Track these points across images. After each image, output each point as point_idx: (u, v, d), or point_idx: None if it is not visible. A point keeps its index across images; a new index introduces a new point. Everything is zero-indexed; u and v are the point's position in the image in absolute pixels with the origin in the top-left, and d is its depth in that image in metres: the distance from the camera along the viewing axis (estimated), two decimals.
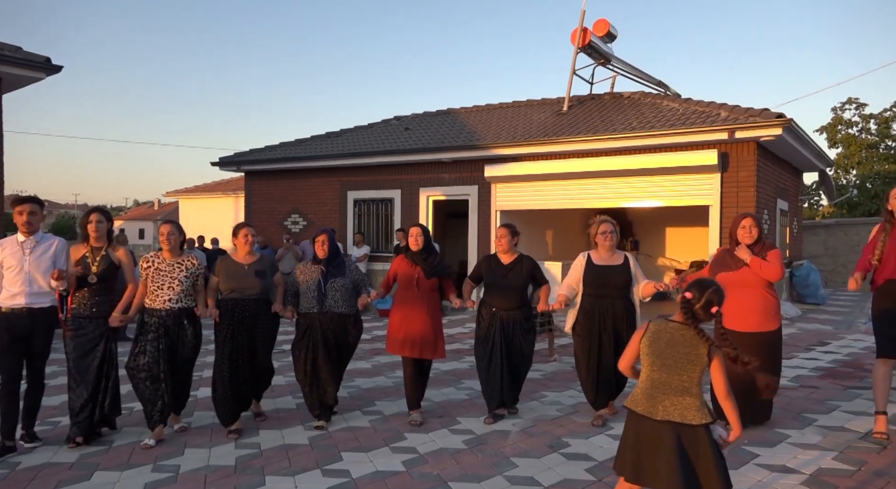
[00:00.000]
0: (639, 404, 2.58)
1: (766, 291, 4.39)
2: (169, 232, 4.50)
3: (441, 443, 4.25)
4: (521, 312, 4.79)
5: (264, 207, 14.24)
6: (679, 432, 2.48)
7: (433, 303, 4.79)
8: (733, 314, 4.31)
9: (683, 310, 2.51)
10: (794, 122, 9.28)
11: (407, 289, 4.78)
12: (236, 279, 4.59)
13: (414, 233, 4.83)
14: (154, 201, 66.98)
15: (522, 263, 4.84)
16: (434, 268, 4.78)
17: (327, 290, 4.61)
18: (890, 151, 24.35)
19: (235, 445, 4.24)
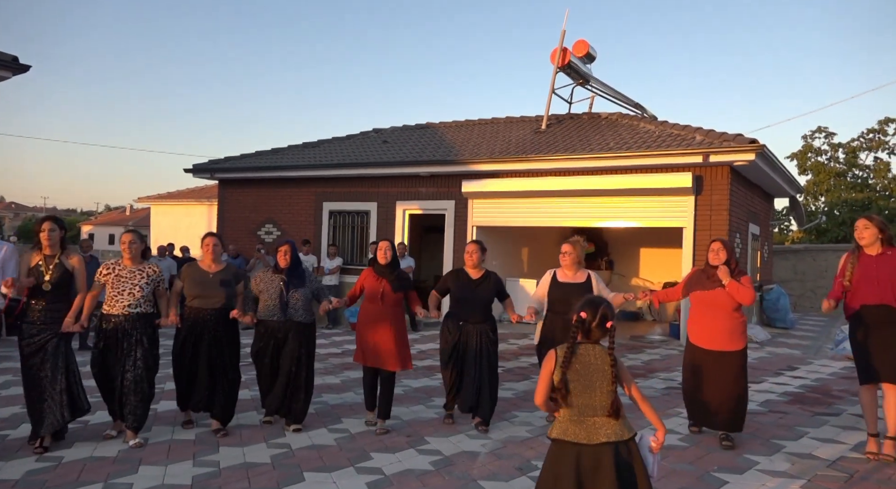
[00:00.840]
0: (570, 433, 2.52)
1: (736, 312, 4.57)
2: (131, 241, 4.59)
3: (408, 464, 4.14)
4: (488, 325, 4.98)
5: (238, 216, 14.01)
6: (617, 450, 2.49)
7: (398, 316, 4.92)
8: (703, 333, 4.59)
9: (581, 330, 2.57)
10: (767, 148, 9.44)
11: (372, 302, 4.87)
12: (200, 287, 4.73)
13: (383, 246, 4.93)
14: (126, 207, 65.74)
15: (490, 278, 5.04)
16: (401, 283, 4.90)
17: (289, 299, 4.76)
18: (857, 180, 24.98)
19: (193, 463, 4.07)
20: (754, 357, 8.82)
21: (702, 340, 4.59)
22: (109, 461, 4.07)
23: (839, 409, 5.77)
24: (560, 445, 2.54)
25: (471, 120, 14.90)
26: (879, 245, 4.38)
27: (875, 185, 24.67)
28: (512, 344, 9.61)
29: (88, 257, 8.89)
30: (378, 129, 15.27)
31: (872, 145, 24.81)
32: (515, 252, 13.42)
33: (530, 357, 8.47)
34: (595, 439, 2.49)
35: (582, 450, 2.49)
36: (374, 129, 15.30)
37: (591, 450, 2.48)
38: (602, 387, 2.52)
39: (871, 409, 4.42)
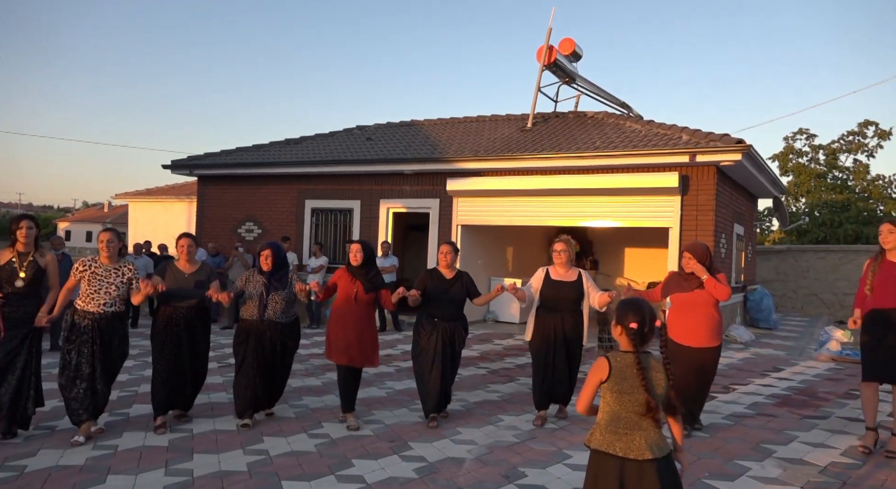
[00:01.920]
0: (640, 447, 2.34)
1: (714, 310, 4.82)
2: (108, 239, 4.62)
3: (390, 471, 3.99)
4: (459, 323, 5.19)
5: (217, 213, 13.73)
6: (660, 466, 2.35)
7: (369, 316, 5.07)
8: (685, 330, 4.81)
9: (635, 337, 2.39)
10: (754, 148, 9.41)
11: (345, 301, 4.99)
12: (177, 287, 4.84)
13: (354, 248, 5.05)
14: (104, 204, 64.65)
15: (462, 278, 5.24)
16: (373, 283, 5.01)
17: (268, 302, 4.88)
18: (837, 182, 25.26)
19: (165, 471, 3.89)
20: (739, 358, 8.80)
21: (685, 338, 4.79)
22: (76, 470, 3.87)
23: (827, 412, 5.72)
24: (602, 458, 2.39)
25: (456, 117, 14.76)
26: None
27: (854, 186, 24.96)
28: (497, 344, 9.49)
29: (60, 255, 8.61)
30: (362, 126, 15.07)
31: (852, 147, 25.10)
32: (500, 251, 13.31)
33: (515, 358, 8.36)
34: (644, 455, 2.33)
35: (625, 464, 2.35)
36: (357, 126, 15.10)
37: (636, 465, 2.34)
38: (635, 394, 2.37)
39: (871, 404, 4.56)
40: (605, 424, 2.43)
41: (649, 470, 2.32)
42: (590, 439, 2.47)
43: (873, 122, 24.59)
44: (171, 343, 4.77)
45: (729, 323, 11.04)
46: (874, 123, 24.58)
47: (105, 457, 4.11)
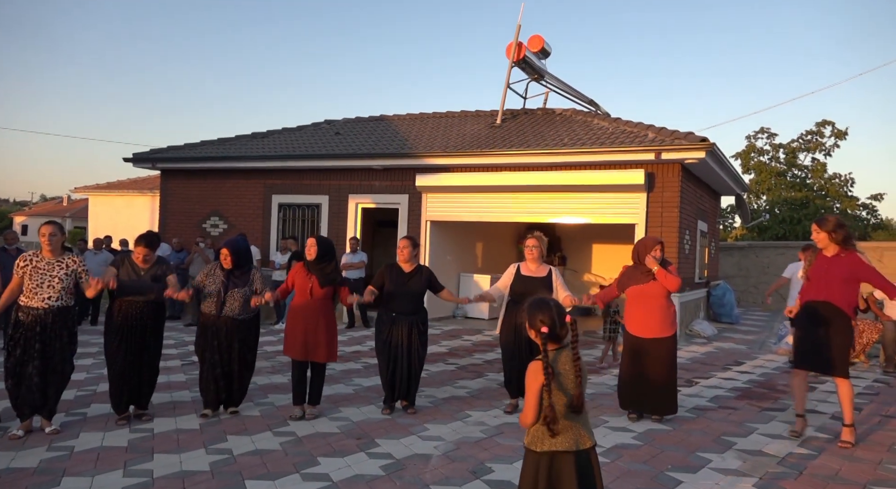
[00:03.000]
0: (558, 444, 2.39)
1: (667, 301, 5.03)
2: (51, 233, 4.52)
3: (357, 469, 3.95)
4: (418, 316, 5.25)
5: (181, 208, 13.44)
6: (595, 452, 2.50)
7: (327, 310, 5.08)
8: (639, 322, 5.02)
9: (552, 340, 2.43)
10: (717, 146, 9.60)
11: (302, 296, 5.03)
12: (131, 281, 4.82)
13: (308, 243, 5.08)
14: (63, 197, 62.76)
15: (422, 272, 5.29)
16: (328, 278, 5.03)
17: (226, 299, 4.94)
18: (796, 180, 25.97)
19: (124, 472, 3.78)
20: (702, 352, 8.98)
21: (639, 330, 5.00)
22: (28, 472, 3.75)
23: (785, 404, 5.88)
24: (554, 456, 2.41)
25: (425, 113, 14.70)
26: (835, 247, 4.60)
27: (812, 184, 25.70)
28: (466, 340, 9.50)
29: (14, 250, 8.33)
30: (330, 121, 14.90)
31: (810, 146, 25.82)
32: (469, 247, 13.32)
33: (484, 354, 8.39)
34: (584, 445, 2.43)
35: (570, 457, 2.40)
36: (326, 121, 14.93)
37: (580, 456, 2.42)
38: (570, 387, 2.42)
39: (801, 392, 4.79)
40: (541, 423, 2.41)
41: (569, 463, 2.39)
42: (543, 444, 2.43)
43: (830, 122, 25.35)
44: (126, 338, 4.72)
45: (692, 318, 11.26)
46: (831, 123, 25.34)
47: (60, 458, 3.99)
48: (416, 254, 5.35)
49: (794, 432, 4.75)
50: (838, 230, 4.57)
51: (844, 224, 4.64)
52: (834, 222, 4.60)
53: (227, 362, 4.98)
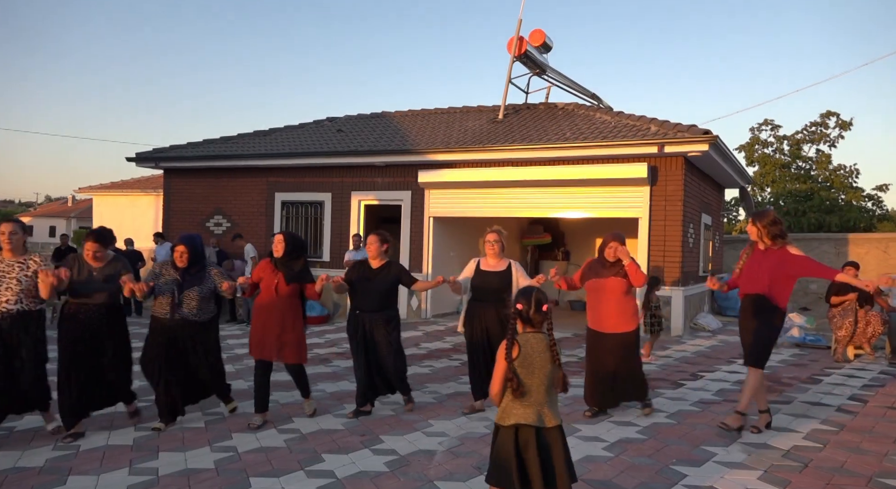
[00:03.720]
0: (522, 417, 2.65)
1: (628, 296, 5.01)
2: (11, 231, 4.29)
3: (361, 465, 3.96)
4: (382, 314, 5.06)
5: (185, 207, 13.47)
6: (560, 433, 2.71)
7: (293, 308, 4.90)
8: (597, 317, 5.02)
9: (522, 320, 2.70)
10: (720, 138, 9.55)
11: (267, 294, 4.86)
12: (82, 284, 4.49)
13: (276, 239, 4.92)
14: (67, 198, 62.98)
15: (391, 268, 5.14)
16: (294, 274, 4.86)
17: (182, 299, 4.65)
18: (800, 172, 25.82)
19: (129, 471, 3.80)
20: (707, 346, 8.96)
21: (599, 324, 5.01)
22: (34, 472, 3.77)
23: (790, 397, 5.86)
24: (518, 429, 2.67)
25: (427, 109, 14.68)
26: (769, 240, 4.63)
27: (817, 176, 25.56)
28: None
29: None
30: (332, 118, 14.90)
31: (815, 138, 25.66)
32: (472, 243, 13.27)
33: None
34: (547, 423, 2.66)
35: (536, 432, 2.65)
36: (328, 118, 14.92)
37: (545, 433, 2.66)
38: (545, 373, 2.67)
39: (760, 388, 4.75)
40: (518, 400, 2.67)
41: (555, 436, 2.67)
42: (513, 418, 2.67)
43: (835, 113, 25.16)
44: (77, 342, 4.41)
45: (697, 311, 11.23)
46: (836, 114, 25.15)
47: (66, 457, 4.01)
48: (386, 251, 5.18)
49: (753, 428, 4.68)
50: (773, 226, 4.59)
51: (780, 221, 4.64)
52: (770, 218, 4.61)
53: (182, 367, 4.66)
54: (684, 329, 9.94)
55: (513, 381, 2.62)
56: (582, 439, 4.54)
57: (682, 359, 7.87)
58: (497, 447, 2.72)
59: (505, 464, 2.65)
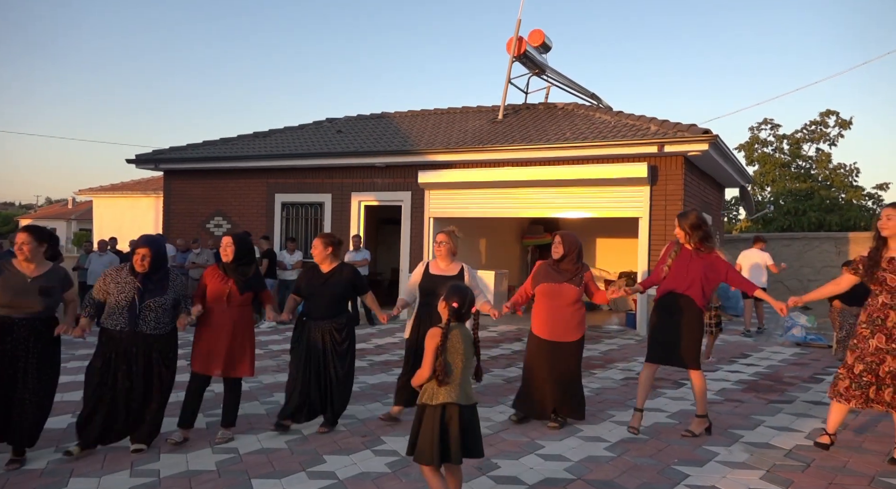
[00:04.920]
0: (450, 396, 2.97)
1: (577, 304, 4.79)
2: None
3: (363, 467, 3.95)
4: (333, 321, 4.63)
5: (185, 209, 13.48)
6: (476, 410, 3.11)
7: (245, 318, 4.51)
8: (545, 323, 4.78)
9: (456, 316, 3.05)
10: (720, 138, 9.55)
11: (217, 303, 4.39)
12: (12, 293, 3.86)
13: (224, 242, 4.48)
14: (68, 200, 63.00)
15: (342, 272, 4.74)
16: (247, 282, 4.48)
17: (142, 309, 4.08)
18: (800, 171, 25.82)
19: (130, 473, 3.79)
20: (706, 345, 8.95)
21: (544, 332, 4.76)
22: (36, 474, 3.76)
23: (792, 396, 5.86)
24: (445, 407, 2.98)
25: (427, 109, 14.69)
26: (696, 244, 4.54)
27: (817, 175, 25.56)
28: None
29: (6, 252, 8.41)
30: (332, 119, 14.91)
31: (814, 137, 25.67)
32: (473, 243, 13.31)
33: (488, 350, 8.38)
34: (471, 400, 3.06)
35: (462, 410, 2.99)
36: (327, 119, 14.93)
37: (468, 410, 3.03)
38: (471, 359, 3.07)
39: (646, 387, 4.67)
40: (454, 381, 3.00)
41: (455, 412, 2.98)
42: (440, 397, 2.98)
43: (834, 112, 25.16)
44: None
45: None
46: (835, 113, 25.16)
47: (68, 459, 3.99)
48: (336, 253, 4.78)
49: (633, 428, 4.59)
50: (696, 230, 4.51)
51: (703, 224, 4.55)
52: (692, 219, 4.51)
53: (136, 388, 4.08)
54: None
55: (441, 368, 2.95)
56: (584, 439, 4.53)
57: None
58: (423, 426, 3.01)
59: (430, 440, 2.95)
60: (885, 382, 3.94)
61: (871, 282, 4.05)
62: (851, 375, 4.04)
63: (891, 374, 3.93)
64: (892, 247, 4.03)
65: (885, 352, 3.94)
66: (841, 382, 4.10)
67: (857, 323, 4.15)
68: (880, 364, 3.95)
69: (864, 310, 4.10)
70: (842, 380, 4.10)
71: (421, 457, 3.00)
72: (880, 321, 3.97)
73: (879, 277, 3.99)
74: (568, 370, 4.75)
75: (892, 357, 3.93)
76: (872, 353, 3.97)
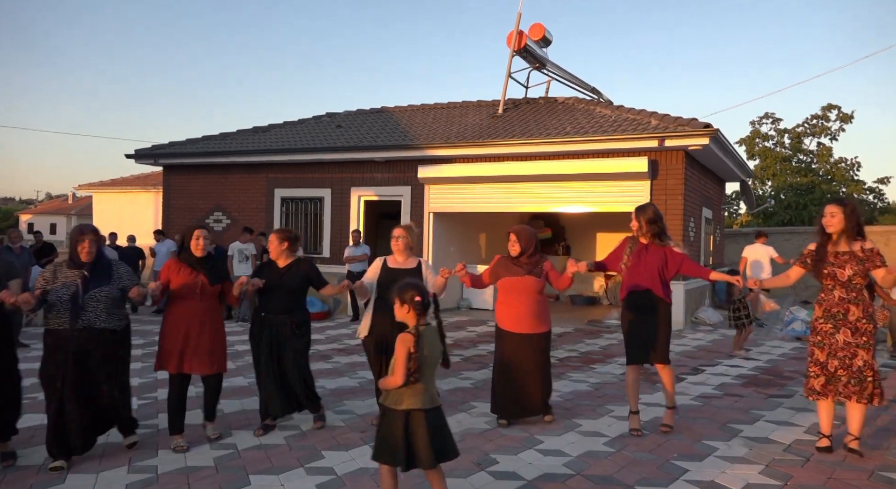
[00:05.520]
0: (414, 402, 2.88)
1: (541, 296, 4.78)
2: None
3: (361, 462, 3.95)
4: (290, 316, 4.58)
5: (184, 204, 13.45)
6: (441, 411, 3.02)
7: (217, 312, 4.44)
8: (511, 317, 4.75)
9: (423, 308, 2.96)
10: (721, 132, 9.52)
11: (188, 298, 4.26)
12: None
13: (196, 235, 4.33)
14: (68, 195, 62.97)
15: (299, 266, 4.70)
16: (218, 274, 4.43)
17: (86, 302, 3.82)
18: (801, 165, 25.76)
19: (128, 469, 3.79)
20: (708, 340, 8.95)
21: (511, 325, 4.73)
22: (33, 471, 3.76)
23: (792, 391, 5.84)
24: (420, 413, 2.89)
25: (427, 104, 14.64)
26: (651, 238, 4.55)
27: (818, 169, 25.50)
28: (471, 331, 9.49)
29: (19, 248, 8.37)
30: (332, 114, 14.86)
31: (816, 131, 25.59)
32: (473, 238, 13.30)
33: (488, 345, 8.37)
34: (437, 403, 2.97)
35: (427, 414, 2.90)
36: (327, 114, 14.89)
37: (435, 412, 2.94)
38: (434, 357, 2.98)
39: (634, 389, 4.60)
40: (420, 385, 2.90)
41: (422, 418, 2.90)
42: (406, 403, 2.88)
43: (836, 106, 25.10)
44: None
45: (698, 305, 11.21)
46: (837, 107, 25.09)
47: None
48: (293, 248, 4.72)
49: (635, 431, 4.51)
50: (652, 224, 4.51)
51: (660, 220, 4.55)
52: (650, 214, 4.52)
53: (90, 388, 3.87)
54: (685, 323, 9.92)
55: (417, 373, 2.86)
56: (583, 434, 4.53)
57: (683, 353, 7.86)
58: (386, 428, 2.94)
59: (394, 444, 2.89)
60: (855, 375, 3.99)
61: (820, 276, 4.12)
62: (826, 372, 4.07)
63: (863, 367, 3.98)
64: (837, 243, 4.09)
65: (855, 346, 4.00)
66: (815, 380, 4.12)
67: None
68: (853, 358, 4.01)
69: (819, 305, 4.16)
70: (815, 377, 4.12)
71: (380, 456, 2.96)
72: (841, 315, 4.04)
73: (829, 272, 4.07)
74: (542, 361, 4.77)
75: (864, 350, 3.99)
76: (842, 348, 4.02)
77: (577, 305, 13.15)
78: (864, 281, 4.08)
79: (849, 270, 4.01)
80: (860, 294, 4.05)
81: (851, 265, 4.00)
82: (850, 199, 4.12)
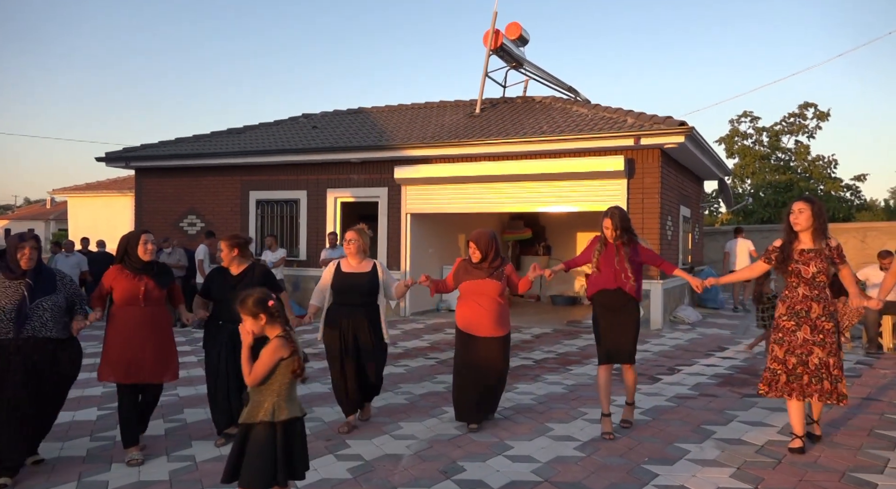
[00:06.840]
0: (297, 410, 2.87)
1: (501, 299, 4.74)
2: None
3: (324, 472, 3.81)
4: None
5: (157, 207, 13.20)
6: None
7: (165, 318, 4.26)
8: (471, 320, 4.69)
9: (279, 316, 2.88)
10: (696, 130, 9.49)
11: (131, 305, 4.08)
12: None
13: (143, 240, 4.18)
14: (46, 200, 61.92)
15: (253, 272, 4.51)
16: (165, 278, 4.26)
17: (30, 311, 3.68)
18: (780, 163, 25.99)
19: (77, 485, 3.62)
20: (686, 339, 8.92)
21: (471, 327, 4.70)
22: None
23: None
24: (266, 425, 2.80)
25: (403, 104, 14.52)
26: (621, 242, 4.54)
27: (796, 167, 25.74)
28: (448, 334, 9.37)
29: None
30: (307, 115, 14.68)
31: (793, 129, 25.84)
32: (451, 239, 13.19)
33: None
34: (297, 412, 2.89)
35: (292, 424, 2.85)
36: (303, 115, 14.71)
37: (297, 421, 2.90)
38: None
39: (606, 390, 4.55)
40: (286, 395, 2.84)
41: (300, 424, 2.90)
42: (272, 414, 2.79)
43: (812, 104, 25.35)
44: None
45: (677, 304, 11.20)
46: (813, 105, 25.34)
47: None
48: (244, 254, 4.53)
49: (607, 434, 4.41)
50: (625, 232, 4.52)
51: (628, 223, 4.58)
52: (619, 217, 4.52)
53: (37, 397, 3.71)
54: (663, 322, 9.89)
55: (302, 375, 2.86)
56: (554, 439, 4.43)
57: (660, 352, 7.81)
58: (261, 448, 2.76)
59: (268, 462, 2.74)
60: (814, 374, 4.01)
61: (785, 273, 4.14)
62: (786, 369, 4.08)
63: (819, 366, 4.00)
64: (802, 240, 4.11)
65: (811, 344, 4.03)
66: (772, 376, 4.13)
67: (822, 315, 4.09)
68: (809, 355, 4.03)
69: (783, 302, 4.17)
70: (773, 374, 4.12)
71: (253, 484, 2.72)
72: (804, 313, 4.06)
73: (793, 269, 4.09)
74: (501, 363, 4.74)
75: (820, 348, 4.01)
76: (801, 345, 4.05)
77: (557, 305, 13.08)
78: (828, 279, 4.10)
79: (813, 267, 4.03)
80: (822, 291, 4.07)
81: (816, 262, 4.03)
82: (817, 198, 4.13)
